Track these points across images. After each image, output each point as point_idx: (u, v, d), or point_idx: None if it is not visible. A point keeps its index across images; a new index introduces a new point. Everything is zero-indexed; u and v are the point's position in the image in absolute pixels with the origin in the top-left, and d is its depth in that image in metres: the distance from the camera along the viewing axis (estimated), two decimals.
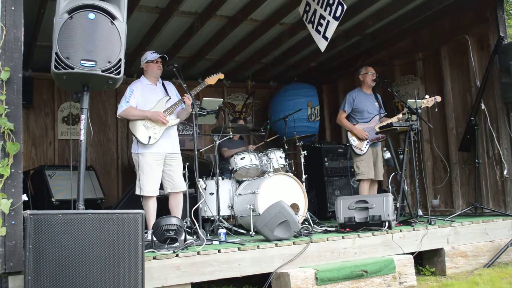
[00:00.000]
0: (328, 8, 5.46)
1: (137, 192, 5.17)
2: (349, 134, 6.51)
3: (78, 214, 3.23)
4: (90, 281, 3.14)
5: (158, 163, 5.26)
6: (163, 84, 5.55)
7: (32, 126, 8.29)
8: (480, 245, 5.59)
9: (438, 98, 6.31)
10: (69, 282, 3.08)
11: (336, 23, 5.43)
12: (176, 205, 5.38)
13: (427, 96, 6.32)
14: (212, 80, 5.63)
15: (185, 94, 5.31)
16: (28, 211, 3.09)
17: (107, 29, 3.50)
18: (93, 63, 3.41)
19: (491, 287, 4.54)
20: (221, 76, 5.72)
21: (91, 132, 3.72)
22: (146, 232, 4.55)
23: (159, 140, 5.23)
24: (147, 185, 5.15)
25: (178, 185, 5.37)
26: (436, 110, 6.40)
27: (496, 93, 6.36)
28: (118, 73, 3.52)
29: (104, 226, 3.23)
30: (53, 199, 6.94)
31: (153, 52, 5.52)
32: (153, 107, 5.32)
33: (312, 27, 5.81)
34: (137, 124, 5.23)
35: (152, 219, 5.04)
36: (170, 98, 5.44)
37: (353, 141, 6.43)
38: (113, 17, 3.52)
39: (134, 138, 5.27)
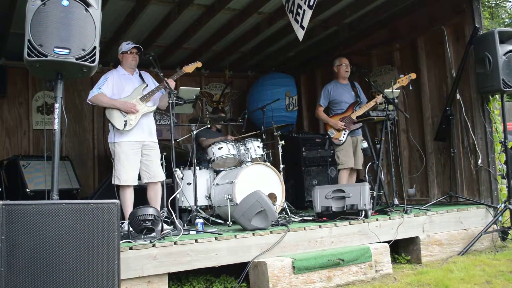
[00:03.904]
0: None
1: (114, 181, 5.11)
2: (327, 126, 6.58)
3: (52, 204, 3.18)
4: (65, 272, 3.09)
5: (135, 151, 5.21)
6: (139, 74, 5.50)
7: (6, 116, 8.14)
8: (455, 233, 5.68)
9: (413, 75, 6.34)
10: (43, 273, 3.04)
11: (310, 12, 5.43)
12: (155, 196, 5.33)
13: (401, 75, 6.36)
14: (189, 68, 5.57)
15: (168, 79, 5.25)
16: (1, 202, 3.03)
17: (81, 16, 3.44)
18: (67, 50, 3.35)
19: (465, 275, 4.61)
20: (198, 64, 5.67)
21: (65, 122, 3.65)
22: (122, 223, 4.52)
23: (135, 127, 5.20)
24: (124, 175, 5.11)
25: (155, 175, 5.32)
26: (411, 88, 6.39)
27: (471, 83, 6.42)
28: (93, 61, 3.46)
29: (79, 216, 3.19)
30: (27, 190, 6.83)
31: (129, 43, 5.46)
32: (129, 95, 5.28)
33: (292, 16, 5.81)
34: (113, 111, 5.20)
35: (129, 210, 4.99)
36: (147, 85, 5.40)
37: (331, 132, 6.51)
38: (87, 4, 3.47)
39: (110, 126, 5.23)
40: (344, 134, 6.43)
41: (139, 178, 5.34)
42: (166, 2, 6.51)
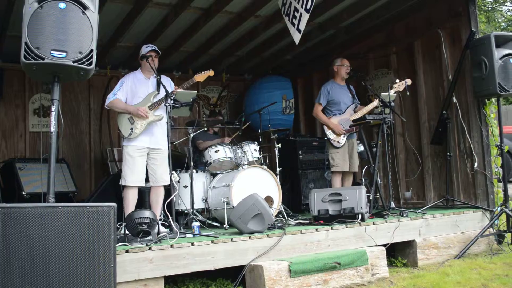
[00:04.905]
0: (301, 1, 5.48)
1: (121, 182, 5.24)
2: (325, 127, 6.54)
3: (48, 207, 3.17)
4: (61, 275, 3.09)
5: (141, 154, 5.31)
6: (157, 79, 5.45)
7: (2, 118, 8.12)
8: (451, 236, 5.68)
9: (409, 81, 6.33)
10: (39, 276, 3.03)
11: (307, 15, 5.44)
12: (156, 199, 5.41)
13: (397, 81, 6.34)
14: (201, 77, 5.59)
15: (179, 87, 5.40)
16: None
17: (78, 19, 3.44)
18: (64, 53, 3.35)
19: (461, 278, 4.61)
20: (211, 73, 5.67)
21: (62, 124, 3.65)
22: (120, 225, 4.52)
23: (141, 134, 5.30)
24: (129, 176, 5.22)
25: (159, 178, 5.39)
26: (408, 93, 6.40)
27: (468, 87, 6.44)
28: (90, 64, 3.46)
29: (75, 219, 3.18)
30: (23, 193, 6.81)
31: (147, 46, 5.52)
32: (140, 101, 5.37)
33: (288, 20, 5.82)
34: (123, 117, 5.35)
35: (129, 210, 5.06)
36: (158, 93, 5.43)
37: (330, 134, 6.46)
38: (84, 6, 3.47)
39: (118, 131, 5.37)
40: (344, 137, 6.41)
41: (148, 181, 5.44)
42: (163, 5, 6.50)
